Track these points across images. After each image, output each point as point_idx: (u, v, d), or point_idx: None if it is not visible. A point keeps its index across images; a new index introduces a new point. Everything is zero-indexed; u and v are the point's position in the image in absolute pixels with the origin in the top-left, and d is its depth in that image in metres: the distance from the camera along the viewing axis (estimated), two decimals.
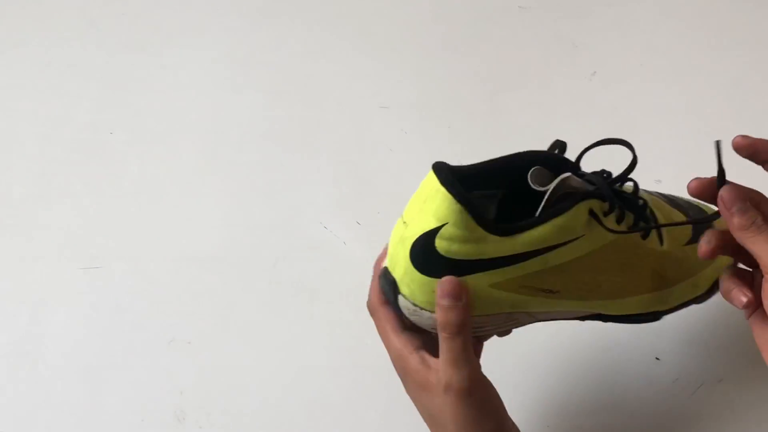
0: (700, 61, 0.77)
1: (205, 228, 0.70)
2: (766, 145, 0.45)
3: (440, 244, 0.41)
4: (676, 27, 0.80)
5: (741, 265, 0.47)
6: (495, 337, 0.52)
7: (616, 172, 0.47)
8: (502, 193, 0.46)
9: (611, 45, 0.79)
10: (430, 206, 0.41)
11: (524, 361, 0.61)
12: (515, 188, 0.45)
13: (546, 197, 0.43)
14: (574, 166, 0.46)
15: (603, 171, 0.47)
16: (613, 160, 0.47)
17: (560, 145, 0.46)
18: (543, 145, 0.47)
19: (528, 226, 0.42)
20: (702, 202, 0.53)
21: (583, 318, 0.50)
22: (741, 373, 0.60)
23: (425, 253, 0.42)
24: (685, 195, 0.52)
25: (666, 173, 0.69)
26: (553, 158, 0.45)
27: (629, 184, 0.48)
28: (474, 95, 0.76)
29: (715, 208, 0.45)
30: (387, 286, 0.45)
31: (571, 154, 0.47)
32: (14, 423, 0.62)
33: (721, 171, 0.44)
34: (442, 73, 0.78)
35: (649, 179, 0.70)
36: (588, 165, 0.47)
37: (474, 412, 0.45)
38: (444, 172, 0.41)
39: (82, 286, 0.68)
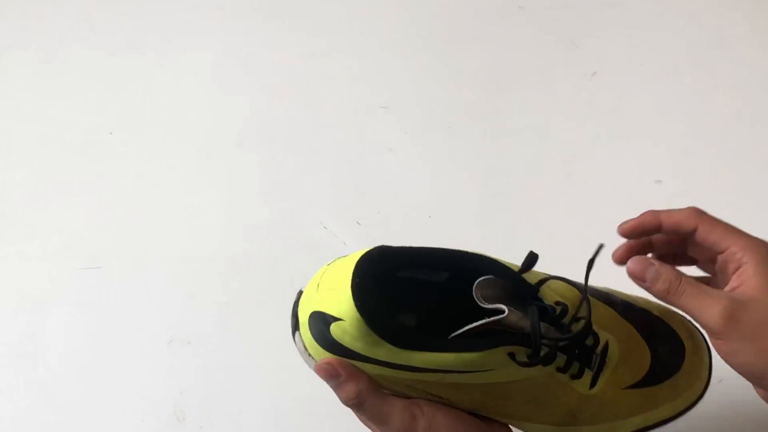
0: (700, 61, 0.77)
1: (204, 228, 0.70)
2: (650, 220, 0.45)
3: (335, 331, 0.41)
4: (676, 27, 0.80)
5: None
6: None
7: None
8: (447, 276, 0.44)
9: (611, 45, 0.79)
10: (339, 295, 0.40)
11: None
12: (464, 277, 0.42)
13: (468, 328, 0.41)
14: (528, 289, 0.42)
15: (553, 308, 0.43)
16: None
17: (531, 258, 0.42)
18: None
19: (432, 347, 0.40)
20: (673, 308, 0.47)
21: None
22: None
23: (320, 329, 0.41)
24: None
25: (666, 173, 0.70)
26: (510, 275, 0.42)
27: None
28: (474, 95, 0.76)
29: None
30: (294, 310, 0.44)
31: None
32: (14, 423, 0.62)
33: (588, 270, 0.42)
34: (442, 73, 0.78)
35: (649, 179, 0.70)
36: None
37: None
38: (359, 276, 0.39)
39: (82, 286, 0.68)
